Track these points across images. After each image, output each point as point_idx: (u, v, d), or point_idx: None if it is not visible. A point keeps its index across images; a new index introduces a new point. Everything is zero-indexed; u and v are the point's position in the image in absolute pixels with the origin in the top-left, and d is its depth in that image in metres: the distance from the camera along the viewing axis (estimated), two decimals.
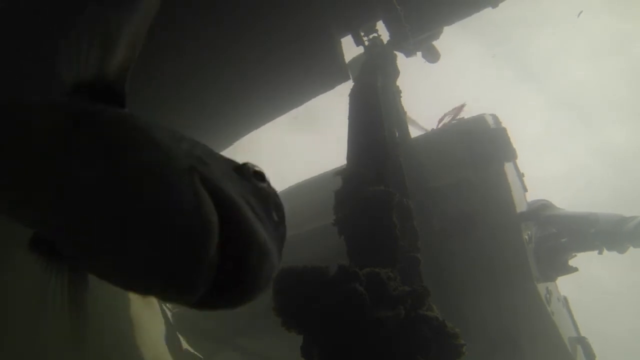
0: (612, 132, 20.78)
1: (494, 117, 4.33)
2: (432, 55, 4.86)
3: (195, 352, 4.94)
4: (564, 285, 4.63)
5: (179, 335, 4.83)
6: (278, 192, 0.84)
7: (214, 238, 0.60)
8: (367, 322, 1.35)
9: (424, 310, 1.43)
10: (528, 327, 3.83)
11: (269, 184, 0.78)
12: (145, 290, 0.64)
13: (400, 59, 4.58)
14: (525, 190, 4.52)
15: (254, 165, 0.80)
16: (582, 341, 4.40)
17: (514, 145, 4.01)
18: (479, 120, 4.24)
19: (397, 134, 3.54)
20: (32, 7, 2.51)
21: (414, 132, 4.60)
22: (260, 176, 0.78)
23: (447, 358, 1.34)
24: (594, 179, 19.20)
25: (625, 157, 19.29)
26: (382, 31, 4.49)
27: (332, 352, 1.37)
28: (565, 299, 4.74)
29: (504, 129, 4.07)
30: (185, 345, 4.91)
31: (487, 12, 4.47)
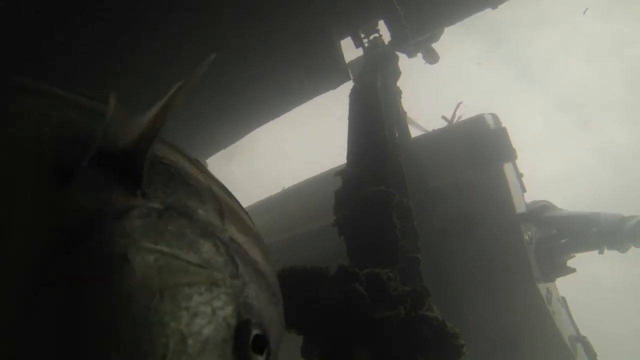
0: (612, 131, 20.78)
1: (494, 116, 4.32)
2: (431, 57, 4.88)
3: None
4: (564, 284, 4.63)
5: None
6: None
7: None
8: (367, 322, 1.35)
9: (424, 310, 1.43)
10: (529, 327, 3.82)
11: (267, 352, 0.67)
12: None
13: (402, 59, 4.58)
14: (524, 190, 4.51)
15: (256, 329, 0.66)
16: (582, 340, 4.39)
17: (514, 146, 4.01)
18: (479, 120, 4.24)
19: (397, 134, 3.54)
20: (32, 7, 2.52)
21: (414, 133, 4.61)
22: (260, 343, 0.66)
23: (447, 358, 1.34)
24: (594, 179, 19.20)
25: (625, 157, 19.29)
26: (384, 30, 4.49)
27: (332, 352, 1.37)
28: (563, 299, 4.73)
29: (504, 129, 4.06)
30: None
31: (487, 13, 4.48)
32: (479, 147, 3.97)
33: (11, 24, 2.58)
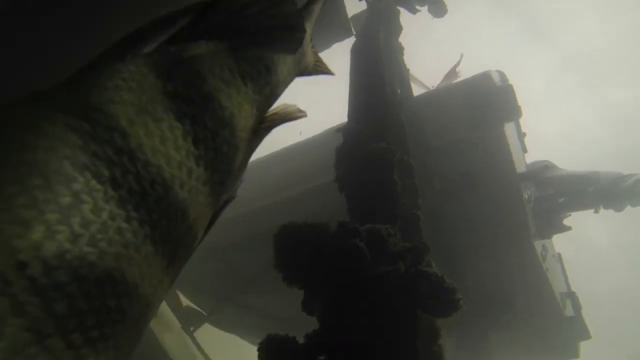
0: (621, 91, 20.35)
1: (500, 73, 4.21)
2: (438, 10, 4.67)
3: (197, 308, 5.08)
4: (559, 242, 4.72)
5: (178, 292, 4.92)
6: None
7: None
8: (368, 277, 1.38)
9: (423, 266, 1.45)
10: (523, 283, 3.93)
11: None
12: None
13: (404, 15, 4.40)
14: (525, 151, 4.48)
15: None
16: (571, 296, 4.54)
17: (519, 104, 3.94)
18: (485, 77, 4.13)
19: (399, 92, 3.46)
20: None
21: (416, 90, 4.51)
22: None
23: (445, 312, 1.38)
24: (600, 138, 19.06)
25: (633, 117, 19.01)
26: None
27: (333, 307, 1.40)
28: (559, 255, 4.84)
29: (511, 86, 3.97)
30: (186, 301, 5.02)
31: None
32: (484, 105, 3.89)
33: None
